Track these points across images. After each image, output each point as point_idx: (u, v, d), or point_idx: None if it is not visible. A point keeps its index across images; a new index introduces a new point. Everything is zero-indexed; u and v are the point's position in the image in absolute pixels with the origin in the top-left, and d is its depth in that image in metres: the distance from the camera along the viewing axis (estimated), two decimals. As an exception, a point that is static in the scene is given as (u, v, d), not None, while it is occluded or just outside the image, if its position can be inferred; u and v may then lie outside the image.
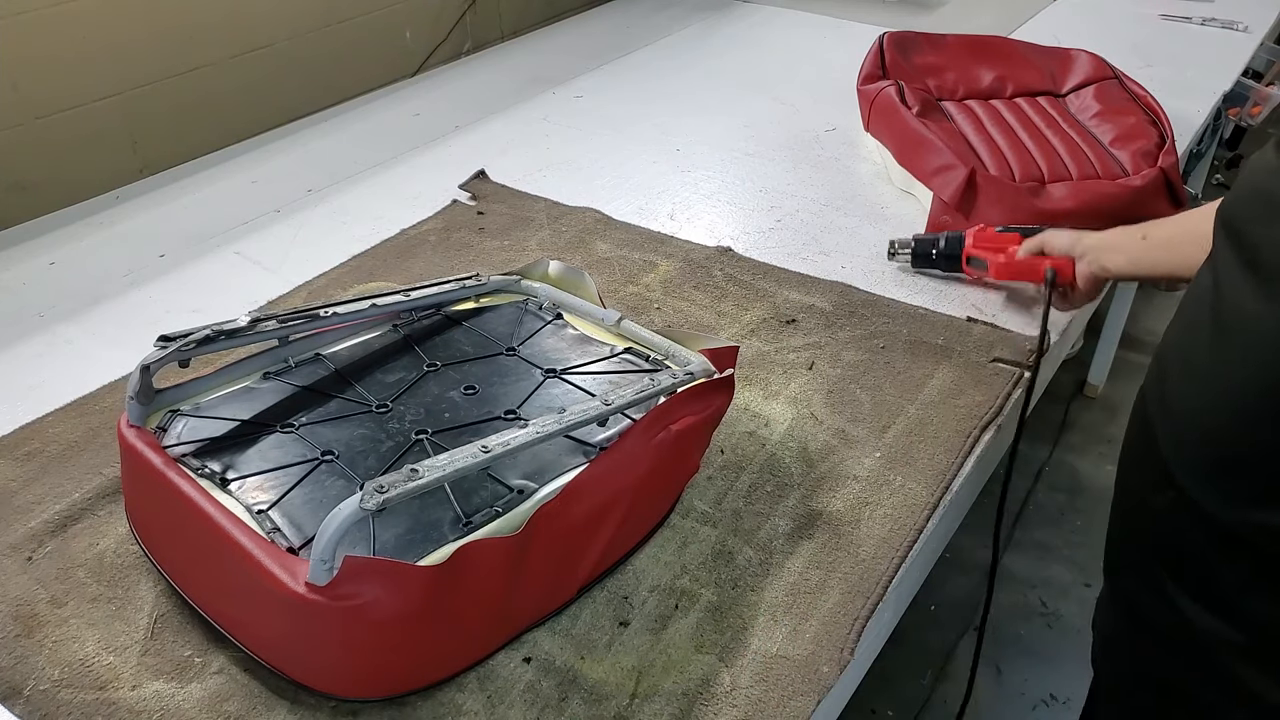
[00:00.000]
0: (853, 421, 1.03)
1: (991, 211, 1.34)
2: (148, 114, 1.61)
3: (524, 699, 0.76)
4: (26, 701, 0.75)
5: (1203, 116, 1.69)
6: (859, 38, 1.81)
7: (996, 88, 1.63)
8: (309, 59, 1.83)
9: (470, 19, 2.15)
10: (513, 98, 1.83)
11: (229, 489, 0.79)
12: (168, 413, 0.87)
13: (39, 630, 0.81)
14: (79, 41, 1.49)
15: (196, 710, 0.74)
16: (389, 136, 1.69)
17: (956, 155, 1.36)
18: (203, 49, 1.66)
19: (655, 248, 1.34)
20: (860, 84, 1.62)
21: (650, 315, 1.20)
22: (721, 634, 0.81)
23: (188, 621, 0.81)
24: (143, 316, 1.22)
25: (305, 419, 0.87)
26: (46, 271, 1.33)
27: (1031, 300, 1.21)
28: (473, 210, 1.45)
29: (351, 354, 0.97)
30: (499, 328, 1.01)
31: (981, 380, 1.08)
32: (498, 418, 0.88)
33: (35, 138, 1.47)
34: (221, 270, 1.33)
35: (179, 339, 0.85)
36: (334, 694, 0.74)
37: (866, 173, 1.54)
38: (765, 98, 1.81)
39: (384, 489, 0.66)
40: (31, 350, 1.17)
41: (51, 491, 0.95)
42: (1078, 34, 1.91)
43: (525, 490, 0.80)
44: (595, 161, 1.59)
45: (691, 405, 0.87)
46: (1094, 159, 1.41)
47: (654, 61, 2.01)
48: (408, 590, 0.69)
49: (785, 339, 1.16)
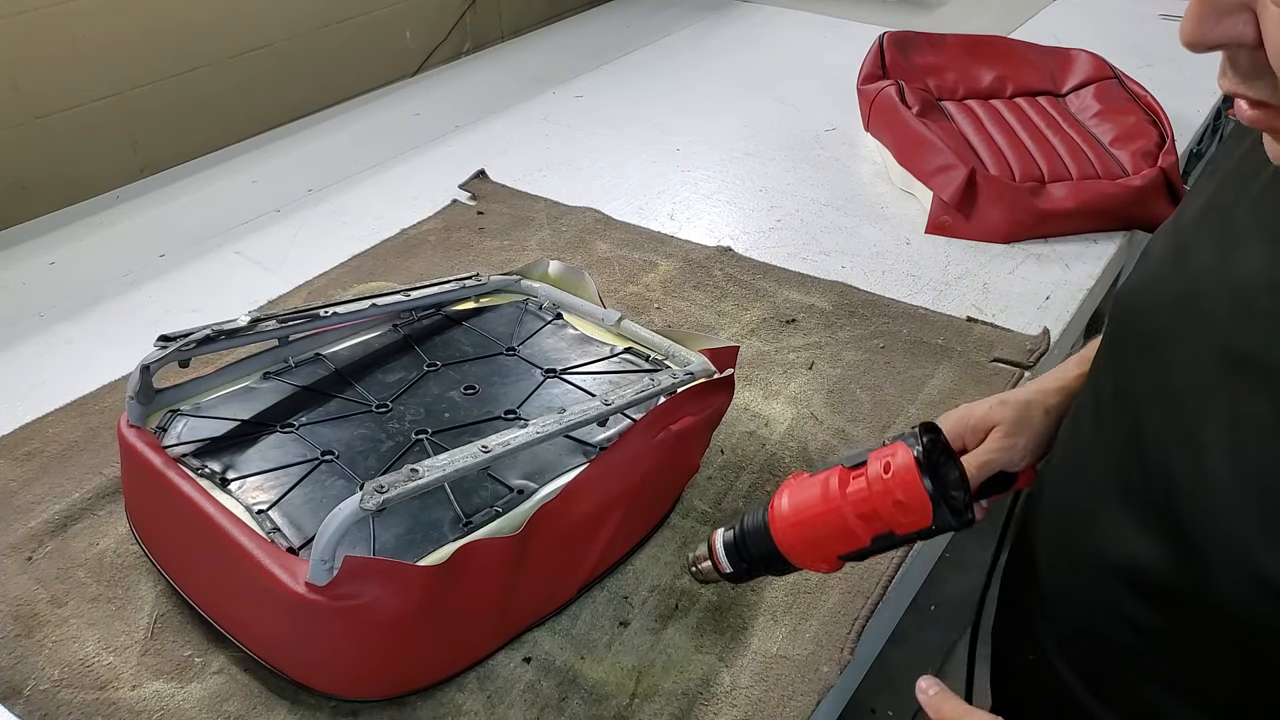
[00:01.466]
0: (853, 421, 1.03)
1: (991, 211, 1.34)
2: (147, 114, 1.60)
3: (524, 699, 0.75)
4: (26, 701, 0.75)
5: (1203, 116, 1.69)
6: (859, 38, 1.81)
7: (996, 88, 1.63)
8: (309, 59, 1.83)
9: (470, 19, 2.15)
10: (513, 98, 1.83)
11: (229, 489, 0.79)
12: (168, 413, 0.87)
13: (39, 630, 0.81)
14: (79, 41, 1.49)
15: (196, 710, 0.74)
16: (389, 136, 1.69)
17: (956, 155, 1.36)
18: (203, 49, 1.66)
19: (655, 248, 1.34)
20: (860, 84, 1.62)
21: (650, 315, 1.20)
22: (721, 634, 0.81)
23: (188, 621, 0.81)
24: (143, 316, 1.22)
25: (305, 419, 0.87)
26: (46, 271, 1.33)
27: (1032, 299, 1.22)
28: (473, 210, 1.45)
29: (351, 354, 0.97)
30: (499, 328, 1.01)
31: (981, 380, 1.08)
32: (498, 418, 0.88)
33: (35, 138, 1.47)
34: (221, 270, 1.32)
35: (179, 339, 0.85)
36: (334, 694, 0.74)
37: (866, 173, 1.54)
38: (765, 98, 1.81)
39: (384, 489, 0.66)
40: (31, 350, 1.17)
41: (51, 491, 0.95)
42: (1078, 34, 1.90)
43: (525, 490, 0.79)
44: (595, 161, 1.59)
45: (691, 405, 0.87)
46: (1094, 159, 1.41)
47: (654, 61, 2.01)
48: (408, 590, 0.69)
49: (785, 339, 1.16)
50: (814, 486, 0.65)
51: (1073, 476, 0.66)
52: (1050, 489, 0.70)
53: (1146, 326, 0.61)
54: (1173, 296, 0.59)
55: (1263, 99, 0.45)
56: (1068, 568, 0.64)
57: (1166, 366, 0.58)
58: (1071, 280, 1.26)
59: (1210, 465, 0.52)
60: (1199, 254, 0.59)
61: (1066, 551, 0.64)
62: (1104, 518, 0.60)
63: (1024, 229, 1.34)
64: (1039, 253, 1.32)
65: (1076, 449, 0.67)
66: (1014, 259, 1.31)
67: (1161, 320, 0.59)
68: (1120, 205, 1.34)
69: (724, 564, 0.69)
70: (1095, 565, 0.61)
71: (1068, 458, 0.68)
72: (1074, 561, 0.63)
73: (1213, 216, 0.60)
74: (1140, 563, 0.57)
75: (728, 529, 0.70)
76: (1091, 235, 1.35)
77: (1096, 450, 0.63)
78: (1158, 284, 0.62)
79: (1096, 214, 1.34)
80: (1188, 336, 0.56)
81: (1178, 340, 0.57)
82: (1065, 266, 1.29)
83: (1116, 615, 0.59)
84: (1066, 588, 0.64)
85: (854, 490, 0.62)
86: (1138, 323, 0.62)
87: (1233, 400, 0.52)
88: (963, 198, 1.34)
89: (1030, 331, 1.16)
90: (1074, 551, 0.63)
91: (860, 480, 0.62)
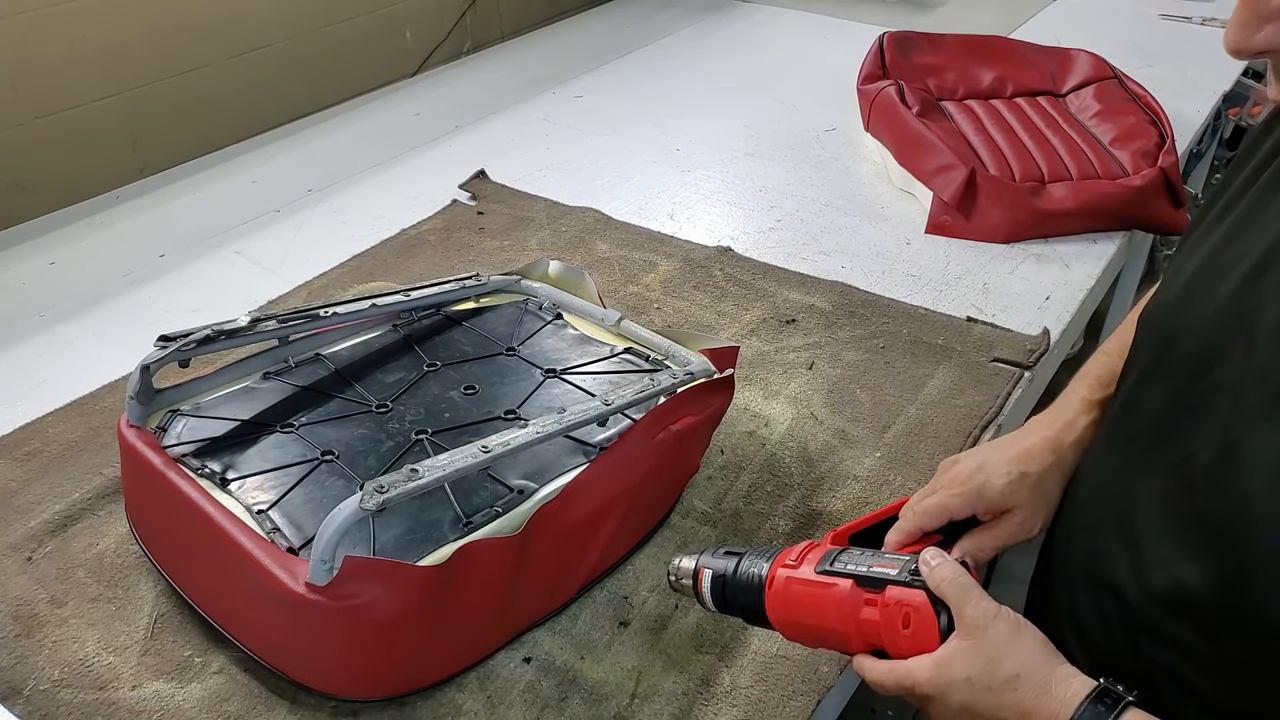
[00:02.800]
0: (853, 421, 1.03)
1: (991, 211, 1.34)
2: (147, 114, 1.60)
3: (524, 699, 0.75)
4: (26, 701, 0.75)
5: (1203, 116, 1.69)
6: (859, 38, 1.81)
7: (996, 88, 1.63)
8: (309, 59, 1.83)
9: (470, 19, 2.15)
10: (513, 98, 1.83)
11: (229, 489, 0.79)
12: (168, 413, 0.87)
13: (39, 630, 0.81)
14: (79, 41, 1.49)
15: (196, 710, 0.74)
16: (389, 136, 1.69)
17: (956, 155, 1.36)
18: (203, 49, 1.66)
19: (655, 248, 1.34)
20: (860, 84, 1.62)
21: (650, 315, 1.20)
22: (721, 634, 0.81)
23: (188, 621, 0.81)
24: (143, 316, 1.22)
25: (305, 419, 0.87)
26: (46, 271, 1.33)
27: (1032, 300, 1.21)
28: (473, 210, 1.45)
29: (351, 354, 0.97)
30: (499, 328, 1.01)
31: (981, 380, 1.08)
32: (498, 418, 0.88)
33: (35, 138, 1.47)
34: (221, 270, 1.32)
35: (179, 339, 0.85)
36: (334, 694, 0.74)
37: (866, 173, 1.54)
38: (765, 98, 1.81)
39: (384, 489, 0.66)
40: (31, 350, 1.17)
41: (51, 491, 0.95)
42: (1078, 34, 1.90)
43: (525, 490, 0.79)
44: (595, 161, 1.59)
45: (691, 405, 0.87)
46: (1094, 159, 1.41)
47: (654, 61, 2.01)
48: (407, 590, 0.69)
49: (785, 339, 1.16)
50: (822, 595, 0.63)
51: (1112, 499, 0.65)
52: (1084, 512, 0.69)
53: (1191, 346, 0.60)
54: (1213, 313, 0.58)
55: None
56: (1105, 588, 0.63)
57: (1217, 387, 0.57)
58: (1071, 280, 1.26)
59: (1261, 482, 0.52)
60: (1238, 270, 0.58)
61: (1105, 571, 0.63)
62: (1147, 540, 0.59)
63: (1024, 229, 1.34)
64: (1039, 253, 1.32)
65: (1114, 470, 0.66)
66: (1014, 259, 1.31)
67: (1207, 339, 0.59)
68: (1120, 205, 1.34)
69: (707, 598, 0.69)
70: (1137, 588, 0.60)
71: (1105, 481, 0.67)
72: (1113, 584, 0.62)
73: (1243, 226, 0.60)
74: (1187, 585, 0.56)
75: (718, 557, 0.69)
76: (1091, 235, 1.35)
77: (1140, 474, 0.62)
78: (1194, 301, 0.61)
79: (1096, 214, 1.34)
80: (1235, 355, 0.56)
81: (1225, 360, 0.56)
82: (1065, 266, 1.29)
83: (1158, 637, 0.58)
84: (1104, 609, 0.63)
85: (865, 618, 0.62)
86: (1181, 343, 0.61)
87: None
88: (963, 198, 1.34)
89: (1030, 331, 1.16)
90: (1113, 572, 0.62)
91: (872, 611, 0.61)
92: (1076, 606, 0.66)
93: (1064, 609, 0.68)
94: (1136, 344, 0.68)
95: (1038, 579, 0.75)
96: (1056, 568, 0.71)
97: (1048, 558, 0.74)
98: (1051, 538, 0.74)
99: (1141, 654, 0.60)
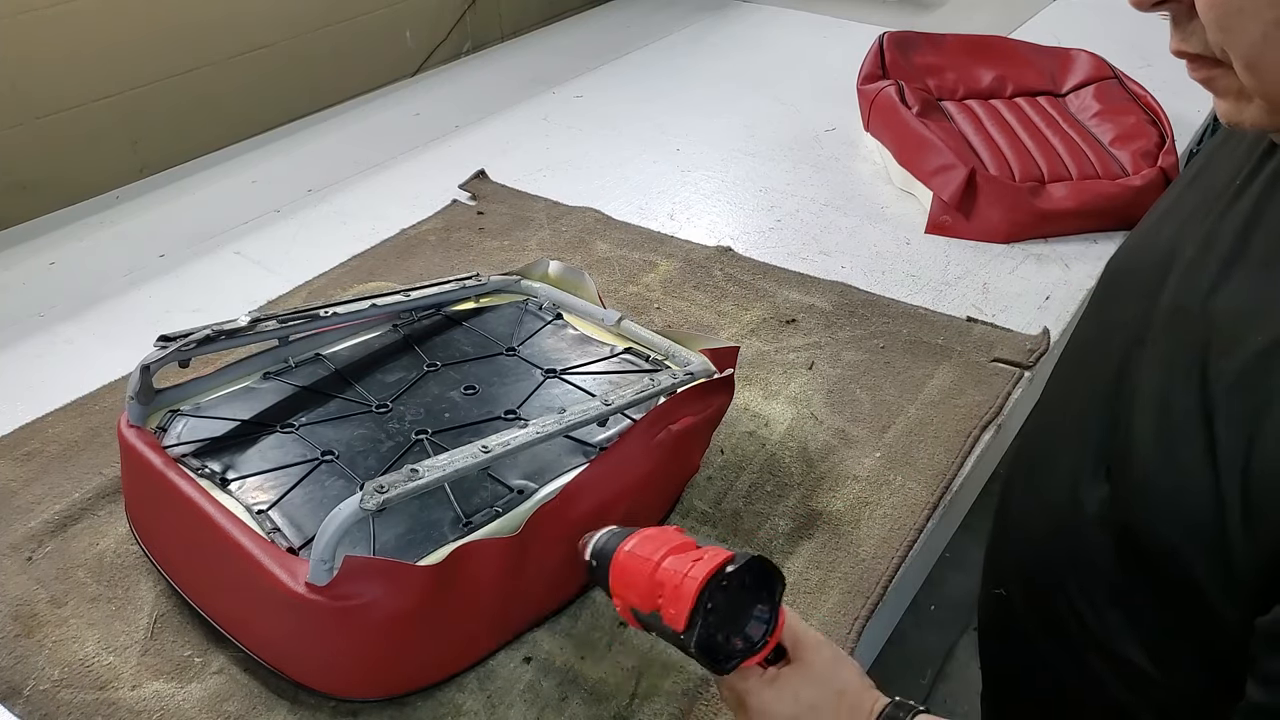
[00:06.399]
0: (853, 421, 1.03)
1: (991, 211, 1.34)
2: (148, 114, 1.60)
3: (524, 699, 0.75)
4: (26, 701, 0.75)
5: (1203, 116, 1.69)
6: (859, 38, 1.81)
7: (996, 88, 1.63)
8: (309, 59, 1.83)
9: (470, 19, 2.15)
10: (513, 98, 1.83)
11: (229, 489, 0.79)
12: (168, 413, 0.87)
13: (39, 630, 0.81)
14: (79, 41, 1.49)
15: (196, 710, 0.74)
16: (389, 136, 1.69)
17: (956, 155, 1.36)
18: (203, 49, 1.66)
19: (655, 248, 1.34)
20: (860, 84, 1.62)
21: (650, 315, 1.20)
22: (721, 634, 0.81)
23: (188, 621, 0.81)
24: (143, 316, 1.22)
25: (305, 419, 0.87)
26: (46, 271, 1.33)
27: (1032, 299, 1.21)
28: (473, 210, 1.45)
29: (351, 354, 0.97)
30: (499, 328, 1.01)
31: (981, 380, 1.08)
32: (498, 418, 0.88)
33: (35, 138, 1.47)
34: (221, 270, 1.32)
35: (179, 339, 0.85)
36: (334, 694, 0.74)
37: (866, 173, 1.54)
38: (765, 98, 1.81)
39: (384, 489, 0.66)
40: (31, 350, 1.17)
41: (51, 491, 0.95)
42: (1078, 34, 1.90)
43: (525, 490, 0.79)
44: (595, 161, 1.59)
45: (691, 405, 0.87)
46: (1094, 159, 1.41)
47: (654, 61, 2.01)
48: (407, 590, 0.69)
49: (785, 339, 1.16)
50: (660, 539, 0.63)
51: (1050, 428, 0.73)
52: (1027, 447, 0.77)
53: (1128, 283, 0.67)
54: (1154, 260, 0.65)
55: (1198, 51, 0.51)
56: (1036, 509, 0.71)
57: (1133, 321, 0.63)
58: (1071, 280, 1.26)
59: (1140, 404, 0.59)
60: (1176, 218, 0.65)
61: (1035, 497, 0.71)
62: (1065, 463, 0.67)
63: (1024, 229, 1.34)
64: (1039, 253, 1.32)
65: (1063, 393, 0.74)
66: (1014, 259, 1.31)
67: (1141, 279, 0.65)
68: (1120, 205, 1.34)
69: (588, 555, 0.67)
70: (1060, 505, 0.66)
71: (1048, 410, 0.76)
72: (1041, 504, 0.70)
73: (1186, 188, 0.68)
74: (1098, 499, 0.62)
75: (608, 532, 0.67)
76: (1091, 235, 1.35)
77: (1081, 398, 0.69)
78: (1141, 249, 0.69)
79: (1096, 214, 1.34)
80: (1154, 293, 0.62)
81: (1149, 296, 0.63)
82: (1065, 266, 1.29)
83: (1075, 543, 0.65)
84: (1031, 525, 0.71)
85: (670, 563, 0.60)
86: (1122, 280, 0.69)
87: (1164, 346, 0.59)
88: (963, 198, 1.34)
89: (1030, 331, 1.16)
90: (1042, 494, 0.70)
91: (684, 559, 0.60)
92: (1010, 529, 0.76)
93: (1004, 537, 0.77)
94: (1095, 286, 0.77)
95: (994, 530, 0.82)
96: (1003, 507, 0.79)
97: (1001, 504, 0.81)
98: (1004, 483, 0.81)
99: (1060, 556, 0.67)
